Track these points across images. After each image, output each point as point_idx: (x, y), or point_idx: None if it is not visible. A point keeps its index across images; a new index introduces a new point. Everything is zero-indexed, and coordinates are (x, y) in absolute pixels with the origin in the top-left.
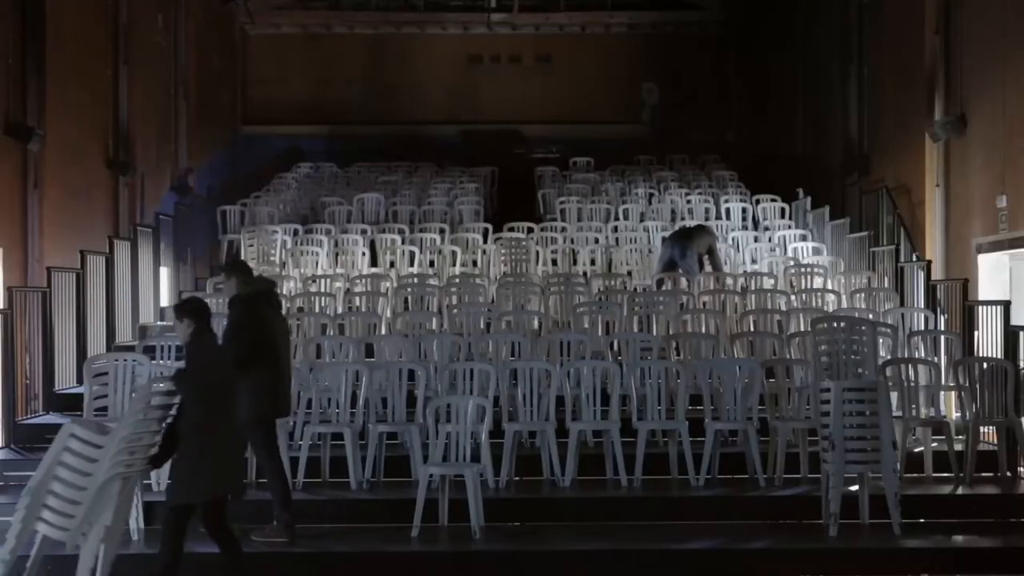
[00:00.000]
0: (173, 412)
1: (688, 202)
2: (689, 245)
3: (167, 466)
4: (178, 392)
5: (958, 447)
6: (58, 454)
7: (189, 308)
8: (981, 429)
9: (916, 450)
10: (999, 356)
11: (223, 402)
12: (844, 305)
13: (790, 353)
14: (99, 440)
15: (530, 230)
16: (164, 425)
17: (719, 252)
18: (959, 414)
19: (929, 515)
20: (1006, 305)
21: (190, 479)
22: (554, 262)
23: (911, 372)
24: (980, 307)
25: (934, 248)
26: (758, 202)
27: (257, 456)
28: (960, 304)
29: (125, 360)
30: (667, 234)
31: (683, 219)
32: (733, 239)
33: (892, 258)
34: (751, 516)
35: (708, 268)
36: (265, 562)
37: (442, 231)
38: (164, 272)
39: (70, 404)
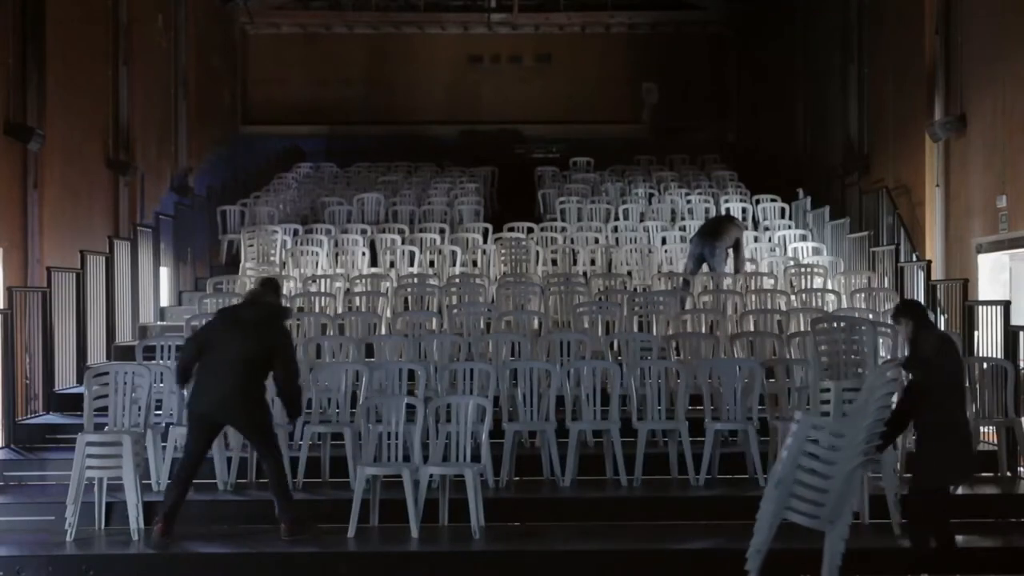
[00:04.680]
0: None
1: (688, 202)
2: (716, 242)
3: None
4: (918, 379)
5: None
6: (800, 446)
7: (907, 308)
8: (981, 429)
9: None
10: (999, 356)
11: (960, 391)
12: (844, 305)
13: (790, 353)
14: (842, 430)
15: (530, 230)
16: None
17: (744, 246)
18: None
19: None
20: (1006, 305)
21: (939, 465)
22: (554, 262)
23: None
24: (980, 307)
25: (934, 248)
26: (758, 202)
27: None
28: (960, 304)
29: (126, 372)
30: (696, 230)
31: (683, 219)
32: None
33: (892, 258)
34: (751, 516)
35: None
36: (262, 562)
37: (442, 231)
38: (164, 272)
39: (70, 404)
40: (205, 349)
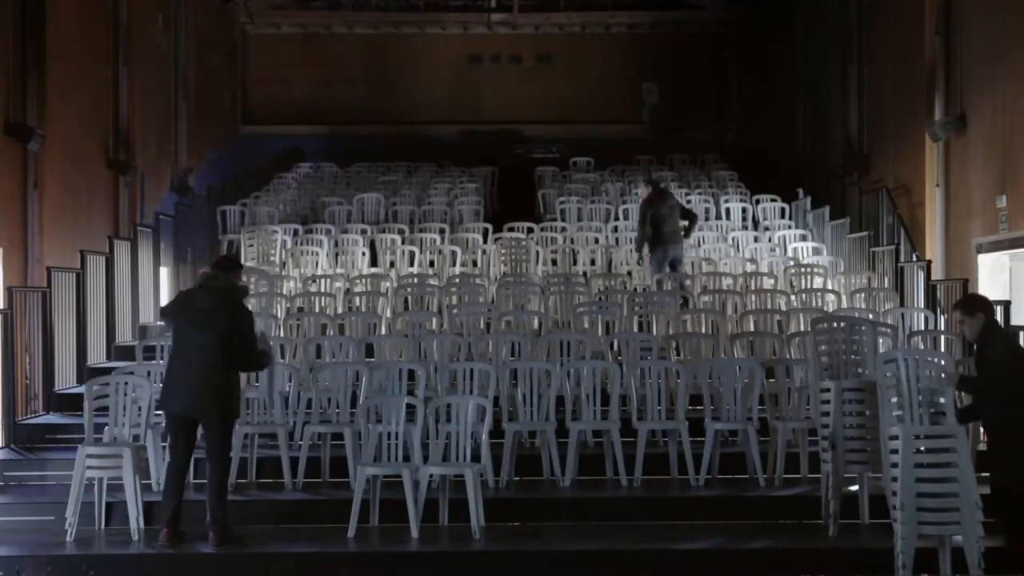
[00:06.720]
0: None
1: (688, 202)
2: (681, 244)
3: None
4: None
5: None
6: (910, 460)
7: (979, 303)
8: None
9: None
10: None
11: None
12: (844, 305)
13: (790, 353)
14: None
15: (530, 230)
16: None
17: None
18: None
19: None
20: (1006, 305)
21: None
22: (554, 262)
23: None
24: None
25: (934, 248)
26: (758, 202)
27: None
28: None
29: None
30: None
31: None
32: (733, 239)
33: (892, 258)
34: (751, 516)
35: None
36: (262, 562)
37: (442, 231)
38: (164, 272)
39: (70, 404)
40: (173, 337)
